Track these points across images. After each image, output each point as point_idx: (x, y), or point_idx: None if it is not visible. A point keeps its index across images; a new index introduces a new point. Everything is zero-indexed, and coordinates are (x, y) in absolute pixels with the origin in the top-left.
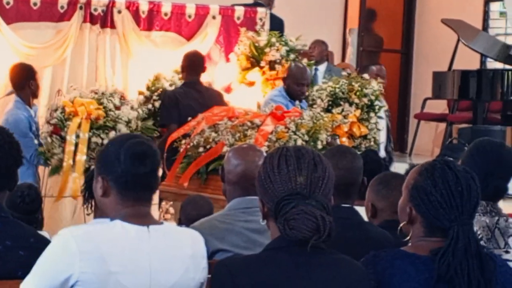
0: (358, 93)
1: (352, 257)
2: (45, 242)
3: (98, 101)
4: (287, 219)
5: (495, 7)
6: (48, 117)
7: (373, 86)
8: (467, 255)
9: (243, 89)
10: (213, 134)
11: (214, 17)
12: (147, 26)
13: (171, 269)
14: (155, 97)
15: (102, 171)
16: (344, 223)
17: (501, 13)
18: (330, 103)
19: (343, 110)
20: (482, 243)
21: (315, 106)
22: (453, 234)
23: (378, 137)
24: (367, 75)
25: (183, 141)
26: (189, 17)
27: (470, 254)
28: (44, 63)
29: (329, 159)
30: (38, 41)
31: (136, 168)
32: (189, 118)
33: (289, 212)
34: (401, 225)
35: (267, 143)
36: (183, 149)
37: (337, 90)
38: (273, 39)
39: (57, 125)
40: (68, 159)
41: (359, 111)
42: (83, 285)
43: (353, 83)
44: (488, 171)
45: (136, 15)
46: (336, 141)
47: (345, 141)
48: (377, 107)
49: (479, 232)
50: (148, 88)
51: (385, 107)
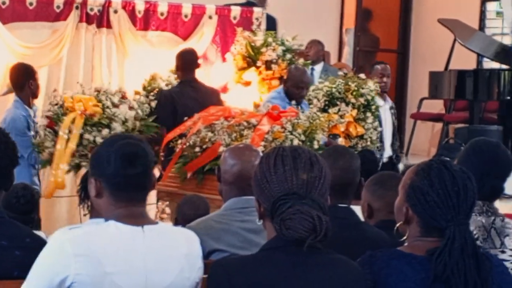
0: (354, 93)
1: (349, 257)
2: (41, 242)
3: (97, 98)
4: (284, 219)
5: (491, 7)
6: (45, 110)
7: (369, 86)
8: (464, 255)
9: (239, 89)
10: (210, 134)
11: (210, 17)
12: (143, 26)
13: (167, 269)
14: (151, 97)
15: (94, 172)
16: (341, 223)
17: (498, 13)
18: (326, 103)
19: (339, 110)
20: (478, 243)
21: (311, 106)
22: (450, 234)
23: (375, 137)
24: (368, 74)
25: (179, 141)
26: (186, 16)
27: (466, 254)
28: (40, 63)
29: (326, 159)
30: (34, 41)
31: (126, 169)
32: (185, 118)
33: (285, 212)
34: (398, 225)
35: (263, 143)
36: (179, 149)
37: (334, 90)
38: (270, 39)
39: (52, 119)
40: (58, 153)
41: (355, 111)
42: (78, 286)
43: (350, 83)
44: (484, 171)
45: (132, 14)
46: (337, 141)
47: (341, 141)
48: (373, 107)
49: (475, 232)
50: (144, 88)
51: (390, 105)
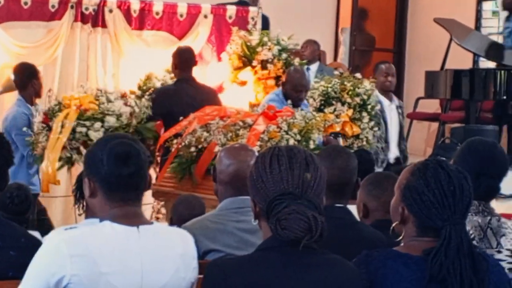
0: (350, 93)
1: (345, 257)
2: (36, 242)
3: (96, 97)
4: (279, 219)
5: (487, 6)
6: (43, 108)
7: (365, 85)
8: (460, 255)
9: (235, 88)
10: (205, 133)
11: (205, 16)
12: (139, 25)
13: (162, 269)
14: (146, 97)
15: (88, 172)
16: (337, 223)
17: (494, 12)
18: (322, 102)
19: (335, 109)
20: (474, 243)
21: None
22: (446, 233)
23: (370, 136)
24: (373, 73)
25: (174, 141)
26: (181, 16)
27: (462, 254)
28: (35, 63)
29: (324, 158)
30: (29, 40)
31: (119, 169)
32: (181, 117)
33: (281, 212)
34: (394, 225)
35: (259, 143)
36: (174, 149)
37: (329, 89)
38: (265, 39)
39: (47, 115)
40: (50, 145)
41: (351, 111)
42: (74, 287)
43: (346, 83)
44: (480, 170)
45: (127, 14)
46: (338, 139)
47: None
48: (369, 107)
49: (471, 232)
50: (139, 87)
51: (397, 104)
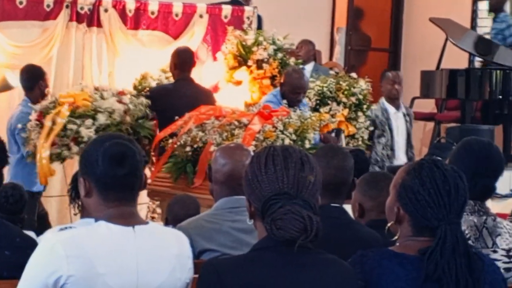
0: (346, 92)
1: (341, 257)
2: (31, 242)
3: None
4: (274, 219)
5: (483, 6)
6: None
7: (361, 85)
8: (455, 254)
9: (230, 88)
10: (200, 133)
11: (201, 16)
12: (134, 25)
13: (158, 269)
14: (143, 94)
15: (83, 172)
16: (333, 222)
17: (490, 12)
18: (317, 102)
19: (330, 109)
20: (470, 242)
21: None
22: (441, 233)
23: (366, 136)
24: (384, 77)
25: (170, 141)
26: (176, 15)
27: (458, 253)
28: (30, 62)
29: (320, 158)
30: (24, 40)
31: (114, 170)
32: (176, 117)
33: (276, 212)
34: (389, 224)
35: (254, 143)
36: (168, 149)
37: (325, 89)
38: (261, 38)
39: (42, 112)
40: (40, 142)
41: (347, 110)
42: (71, 287)
43: (341, 82)
44: (476, 170)
45: (122, 13)
46: (340, 136)
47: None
48: (365, 106)
49: (467, 231)
50: (135, 87)
51: (405, 112)
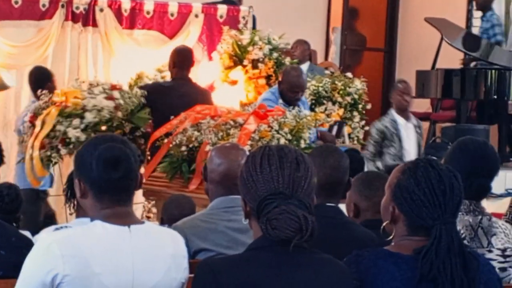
0: (341, 92)
1: (337, 257)
2: (26, 241)
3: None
4: (270, 218)
5: None
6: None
7: (356, 85)
8: (450, 254)
9: (226, 87)
10: (196, 133)
11: (196, 16)
12: (129, 24)
13: (154, 269)
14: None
15: (78, 174)
16: (329, 222)
17: (477, 11)
18: (313, 102)
19: (326, 109)
20: (465, 242)
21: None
22: (436, 233)
23: (361, 136)
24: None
25: (165, 140)
26: (172, 15)
27: (453, 253)
28: (25, 62)
29: (315, 157)
30: (19, 40)
31: (108, 174)
32: (172, 117)
33: (271, 211)
34: (384, 224)
35: (250, 142)
36: (162, 148)
37: (320, 89)
38: (256, 38)
39: (35, 114)
40: (30, 144)
41: (342, 110)
42: (66, 286)
43: (336, 82)
44: (471, 169)
45: (118, 13)
46: (343, 128)
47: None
48: (360, 106)
49: (462, 231)
50: (130, 86)
51: (415, 123)
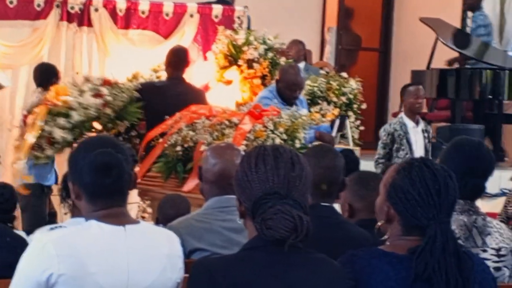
0: (336, 92)
1: (332, 256)
2: (21, 241)
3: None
4: (264, 218)
5: None
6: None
7: (351, 84)
8: (445, 253)
9: (221, 87)
10: (191, 133)
11: (191, 16)
12: (125, 24)
13: (149, 269)
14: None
15: (72, 177)
16: (324, 222)
17: (468, 11)
18: (308, 102)
19: (321, 109)
20: (460, 241)
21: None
22: (431, 232)
23: (356, 136)
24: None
25: (160, 140)
26: (167, 15)
27: (448, 252)
28: (20, 62)
29: (310, 157)
30: (14, 40)
31: (100, 179)
32: (166, 116)
33: (266, 211)
34: (379, 224)
35: (245, 142)
36: (156, 147)
37: (315, 88)
38: (251, 38)
39: (29, 112)
40: (16, 145)
41: (337, 110)
42: (61, 286)
43: (331, 82)
44: (466, 169)
45: (113, 13)
46: (345, 122)
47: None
48: (355, 106)
49: (457, 231)
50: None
51: (423, 127)
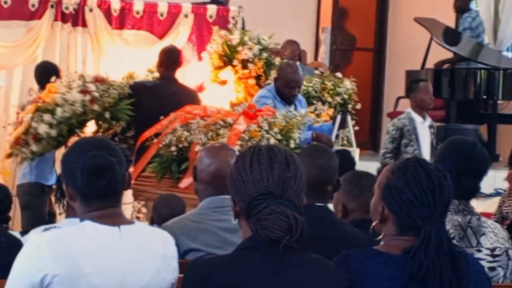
0: (331, 92)
1: (326, 257)
2: (16, 242)
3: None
4: (259, 219)
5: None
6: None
7: (346, 84)
8: (439, 253)
9: (215, 88)
10: (186, 133)
11: (186, 16)
12: (119, 24)
13: (143, 269)
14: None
15: (65, 179)
16: (318, 222)
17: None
18: None
19: (316, 109)
20: (454, 242)
21: None
22: (425, 232)
23: (351, 136)
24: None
25: (154, 140)
26: (161, 15)
27: (442, 252)
28: (15, 62)
29: (305, 157)
30: (9, 40)
31: (93, 182)
32: (161, 117)
33: (261, 212)
34: (374, 224)
35: (239, 142)
36: (151, 148)
37: (310, 89)
38: (246, 38)
39: (22, 109)
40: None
41: (332, 110)
42: (56, 286)
43: (326, 82)
44: (460, 169)
45: (107, 13)
46: (347, 119)
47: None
48: (350, 106)
49: (451, 231)
50: None
51: (430, 123)
